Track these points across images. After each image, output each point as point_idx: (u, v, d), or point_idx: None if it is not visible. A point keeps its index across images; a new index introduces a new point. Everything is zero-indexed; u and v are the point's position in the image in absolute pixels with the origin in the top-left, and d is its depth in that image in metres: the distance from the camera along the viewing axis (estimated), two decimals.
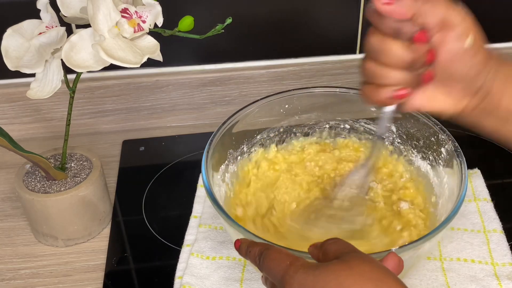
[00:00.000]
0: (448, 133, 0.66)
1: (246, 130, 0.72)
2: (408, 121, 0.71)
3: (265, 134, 0.75)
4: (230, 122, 0.69)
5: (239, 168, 0.72)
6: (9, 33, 0.60)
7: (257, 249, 0.50)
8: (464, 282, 0.64)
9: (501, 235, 0.69)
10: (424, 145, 0.70)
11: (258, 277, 0.63)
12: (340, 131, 0.76)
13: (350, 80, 0.92)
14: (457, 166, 0.63)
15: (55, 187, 0.69)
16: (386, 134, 0.62)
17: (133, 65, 0.57)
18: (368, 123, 0.75)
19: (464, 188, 0.60)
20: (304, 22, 0.88)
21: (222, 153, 0.69)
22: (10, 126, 0.87)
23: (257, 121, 0.73)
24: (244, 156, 0.73)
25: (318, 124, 0.76)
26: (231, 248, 0.68)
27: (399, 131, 0.73)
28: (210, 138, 0.67)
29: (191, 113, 0.92)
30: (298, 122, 0.76)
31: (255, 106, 0.71)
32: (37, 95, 0.62)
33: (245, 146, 0.73)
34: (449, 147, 0.65)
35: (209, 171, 0.64)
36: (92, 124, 0.91)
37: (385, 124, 0.59)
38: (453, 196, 0.61)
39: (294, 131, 0.76)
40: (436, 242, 0.63)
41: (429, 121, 0.68)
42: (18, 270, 0.69)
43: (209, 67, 0.90)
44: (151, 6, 0.59)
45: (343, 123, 0.76)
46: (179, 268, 0.67)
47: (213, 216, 0.72)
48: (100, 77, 0.88)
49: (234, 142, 0.71)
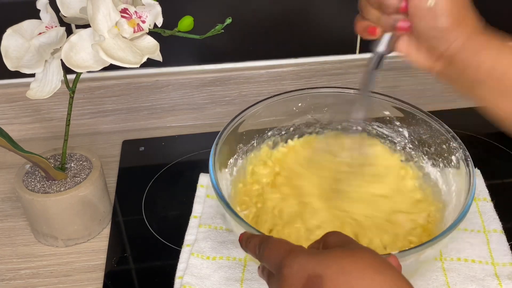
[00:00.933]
0: (459, 141, 0.67)
1: (252, 130, 0.73)
2: (421, 127, 0.71)
3: (275, 132, 0.75)
4: (237, 120, 0.70)
5: (248, 163, 0.73)
6: (9, 33, 0.60)
7: (256, 240, 0.50)
8: (465, 282, 0.64)
9: (501, 235, 0.69)
10: (435, 152, 0.70)
11: (259, 277, 0.63)
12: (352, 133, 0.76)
13: (350, 80, 0.92)
14: (466, 176, 0.63)
15: (55, 187, 0.69)
16: (376, 70, 0.63)
17: (133, 65, 0.57)
18: (381, 127, 0.75)
19: (471, 197, 0.60)
20: (304, 22, 0.88)
21: (230, 150, 0.70)
22: (10, 126, 0.87)
23: (264, 120, 0.73)
24: (251, 154, 0.73)
25: (331, 125, 0.76)
26: (231, 248, 0.68)
27: (411, 137, 0.73)
28: (218, 135, 0.67)
29: (191, 113, 0.92)
30: (310, 121, 0.76)
31: (263, 104, 0.72)
32: (37, 95, 0.62)
33: (255, 142, 0.74)
34: (459, 155, 0.66)
35: (216, 167, 0.64)
36: (92, 124, 0.91)
37: (375, 59, 0.61)
38: (459, 204, 0.61)
39: (305, 130, 0.76)
40: (438, 249, 0.63)
41: (441, 128, 0.68)
42: (18, 270, 0.69)
43: (209, 67, 0.90)
44: (151, 6, 0.59)
45: (355, 125, 0.76)
46: (180, 268, 0.67)
47: (213, 216, 0.72)
48: (100, 77, 0.88)
49: (244, 137, 0.72)
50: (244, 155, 0.73)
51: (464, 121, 0.83)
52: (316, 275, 0.43)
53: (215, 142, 0.67)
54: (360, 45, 0.90)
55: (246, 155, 0.74)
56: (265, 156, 0.75)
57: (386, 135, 0.75)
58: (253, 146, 0.74)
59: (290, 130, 0.76)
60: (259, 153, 0.75)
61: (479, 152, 0.81)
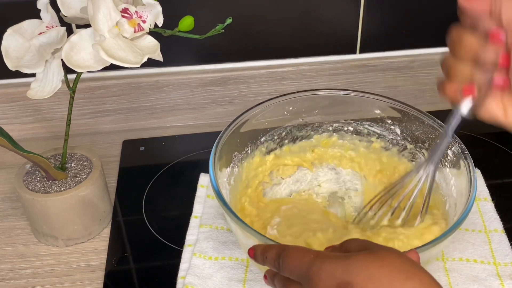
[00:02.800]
0: (454, 135, 0.66)
1: (253, 130, 0.72)
2: (413, 123, 0.71)
3: (273, 135, 0.74)
4: (238, 121, 0.69)
5: (245, 167, 0.72)
6: (9, 33, 0.60)
7: (274, 252, 0.49)
8: (467, 282, 0.64)
9: (502, 234, 0.69)
10: (430, 147, 0.70)
11: (261, 278, 0.63)
12: (343, 134, 0.76)
13: (350, 80, 0.92)
14: (464, 168, 0.63)
15: (55, 187, 0.69)
16: (452, 136, 0.59)
17: (133, 65, 0.57)
18: (372, 125, 0.74)
19: (474, 189, 0.59)
20: (304, 22, 0.88)
21: (228, 154, 0.69)
22: (10, 126, 0.87)
23: (264, 121, 0.73)
24: (251, 155, 0.73)
25: (322, 126, 0.76)
26: (233, 249, 0.68)
27: (404, 134, 0.72)
28: (217, 139, 0.66)
29: (191, 113, 0.92)
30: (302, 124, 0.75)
31: (264, 106, 0.71)
32: (37, 95, 0.62)
33: (263, 140, 0.73)
34: (456, 149, 0.65)
35: (216, 171, 0.63)
36: (92, 124, 0.91)
37: (455, 124, 0.55)
38: (462, 197, 0.61)
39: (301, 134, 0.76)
40: (440, 250, 0.63)
41: (434, 123, 0.68)
42: (18, 270, 0.69)
43: (209, 67, 0.90)
44: (151, 6, 0.59)
45: (346, 125, 0.75)
46: (182, 268, 0.66)
47: (214, 217, 0.72)
48: (100, 77, 0.88)
49: (239, 143, 0.71)
50: (240, 163, 0.71)
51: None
52: (345, 282, 0.42)
53: (214, 146, 0.66)
54: (360, 45, 0.90)
55: (242, 163, 0.72)
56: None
57: (379, 134, 0.74)
58: (247, 154, 0.72)
59: (282, 135, 0.75)
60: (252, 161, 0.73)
61: (479, 152, 0.81)
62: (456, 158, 0.65)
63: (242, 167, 0.71)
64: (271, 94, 0.91)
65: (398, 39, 0.91)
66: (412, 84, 0.93)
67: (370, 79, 0.92)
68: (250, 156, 0.72)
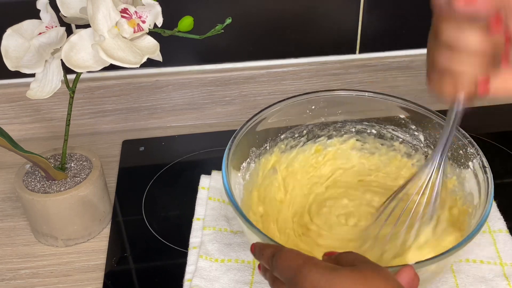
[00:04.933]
0: (477, 147, 0.65)
1: (269, 128, 0.72)
2: (438, 131, 0.70)
3: (290, 134, 0.74)
4: (254, 120, 0.69)
5: (261, 166, 0.72)
6: (9, 33, 0.60)
7: (269, 250, 0.50)
8: (474, 283, 0.64)
9: (507, 235, 0.69)
10: (452, 157, 0.69)
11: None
12: (366, 136, 0.76)
13: (350, 80, 0.92)
14: (483, 183, 0.62)
15: (55, 187, 0.69)
16: (454, 132, 0.58)
17: (133, 65, 0.57)
18: (396, 130, 0.74)
19: (489, 205, 0.58)
20: (304, 22, 0.88)
21: (244, 152, 0.68)
22: (10, 126, 0.87)
23: (284, 119, 0.72)
24: (265, 155, 0.72)
25: (345, 127, 0.76)
26: (238, 251, 0.68)
27: (427, 141, 0.72)
28: (233, 136, 0.66)
29: (191, 113, 0.92)
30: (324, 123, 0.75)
31: (283, 104, 0.71)
32: (37, 95, 0.62)
33: (268, 144, 0.73)
34: (477, 161, 0.64)
35: (229, 171, 0.63)
36: (92, 124, 0.91)
37: (454, 117, 0.54)
38: (477, 211, 0.61)
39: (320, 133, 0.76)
40: (452, 261, 0.61)
41: (458, 133, 0.67)
42: (18, 270, 0.69)
43: (209, 67, 0.90)
44: (151, 6, 0.59)
45: (370, 128, 0.75)
46: (188, 271, 0.66)
47: (217, 219, 0.72)
48: (100, 77, 0.88)
49: (257, 141, 0.70)
50: (257, 159, 0.71)
51: (464, 121, 0.83)
52: None
53: (229, 143, 0.65)
54: (360, 45, 0.90)
55: (259, 159, 0.71)
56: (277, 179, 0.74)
57: (402, 139, 0.74)
58: (265, 150, 0.72)
59: (303, 133, 0.75)
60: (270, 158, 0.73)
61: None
62: (476, 172, 0.64)
63: (260, 163, 0.71)
64: (271, 94, 0.91)
65: (398, 39, 0.91)
66: (412, 84, 0.93)
67: (370, 79, 0.92)
68: (268, 152, 0.72)
